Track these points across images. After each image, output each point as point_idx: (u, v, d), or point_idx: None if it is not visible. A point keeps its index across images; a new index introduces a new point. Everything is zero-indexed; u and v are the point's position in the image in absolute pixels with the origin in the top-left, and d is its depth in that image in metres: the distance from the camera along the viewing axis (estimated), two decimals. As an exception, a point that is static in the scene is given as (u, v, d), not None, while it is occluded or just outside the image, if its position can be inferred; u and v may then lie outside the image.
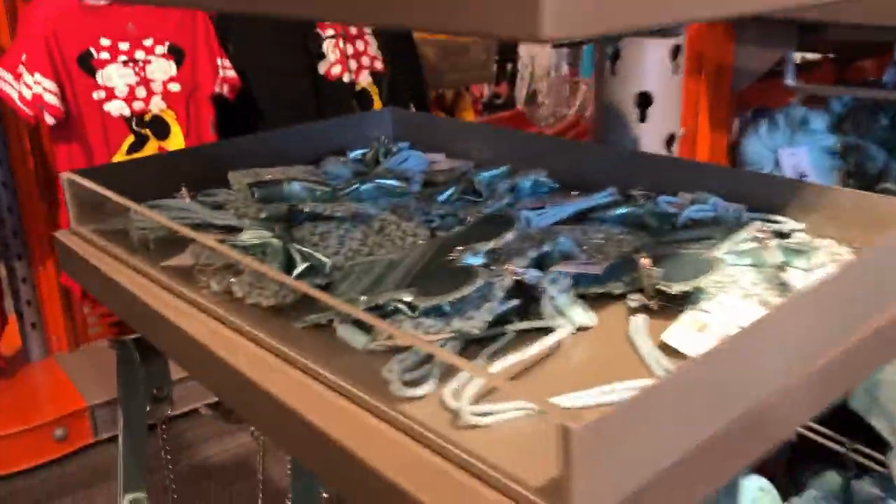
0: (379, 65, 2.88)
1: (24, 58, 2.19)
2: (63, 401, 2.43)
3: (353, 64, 2.86)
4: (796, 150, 1.19)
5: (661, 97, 1.06)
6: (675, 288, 0.73)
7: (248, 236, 0.88)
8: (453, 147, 1.31)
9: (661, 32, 1.08)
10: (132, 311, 0.89)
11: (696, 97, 1.14)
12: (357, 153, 1.26)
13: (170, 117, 2.53)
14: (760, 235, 0.85)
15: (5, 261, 2.59)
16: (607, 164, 1.07)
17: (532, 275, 0.76)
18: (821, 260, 0.82)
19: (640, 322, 0.74)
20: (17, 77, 2.17)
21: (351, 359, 0.71)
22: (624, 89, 1.07)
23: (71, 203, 1.01)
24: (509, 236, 0.76)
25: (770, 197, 0.94)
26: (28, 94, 2.18)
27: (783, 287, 0.78)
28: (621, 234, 0.94)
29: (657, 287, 0.76)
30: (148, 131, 2.50)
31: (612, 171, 1.07)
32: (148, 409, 1.12)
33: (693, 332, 0.71)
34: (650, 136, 1.07)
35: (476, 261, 0.76)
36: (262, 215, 0.93)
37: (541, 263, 0.82)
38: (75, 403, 2.40)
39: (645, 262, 0.78)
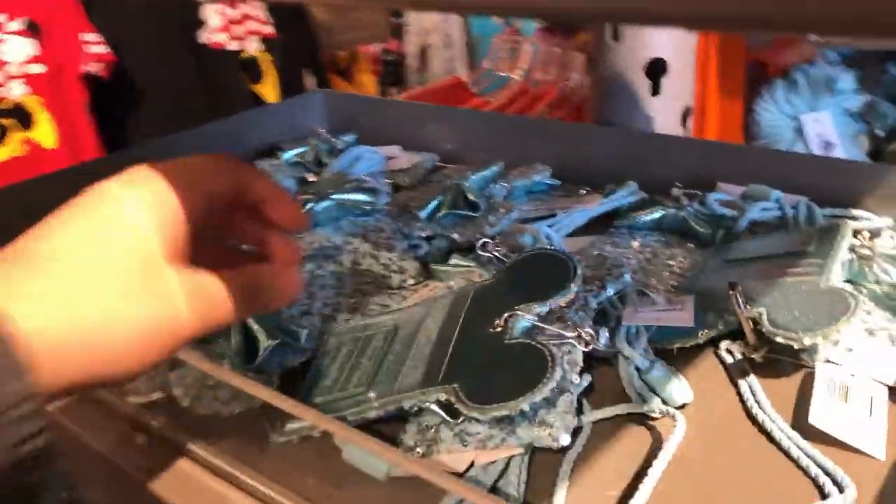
0: (268, 29, 2.58)
1: None
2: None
3: (238, 30, 2.54)
4: (819, 115, 1.02)
5: (676, 64, 0.86)
6: (808, 340, 0.54)
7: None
8: (405, 134, 1.07)
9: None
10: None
11: (705, 60, 0.95)
12: (292, 154, 1.01)
13: (34, 103, 2.17)
14: (857, 243, 0.66)
15: None
16: (614, 150, 0.87)
17: (604, 339, 0.55)
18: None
19: (756, 391, 0.54)
20: None
21: (367, 491, 0.49)
22: (632, 56, 0.86)
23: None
24: (574, 288, 0.55)
25: (826, 183, 0.76)
26: None
27: (910, 315, 0.60)
28: (668, 249, 0.74)
29: (771, 336, 0.56)
30: (9, 121, 2.13)
31: (620, 160, 0.86)
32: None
33: (837, 402, 0.52)
34: (664, 113, 0.88)
35: (526, 324, 0.54)
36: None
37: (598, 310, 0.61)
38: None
39: (739, 298, 0.58)
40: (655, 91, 0.87)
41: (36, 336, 0.29)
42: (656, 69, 0.86)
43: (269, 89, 2.67)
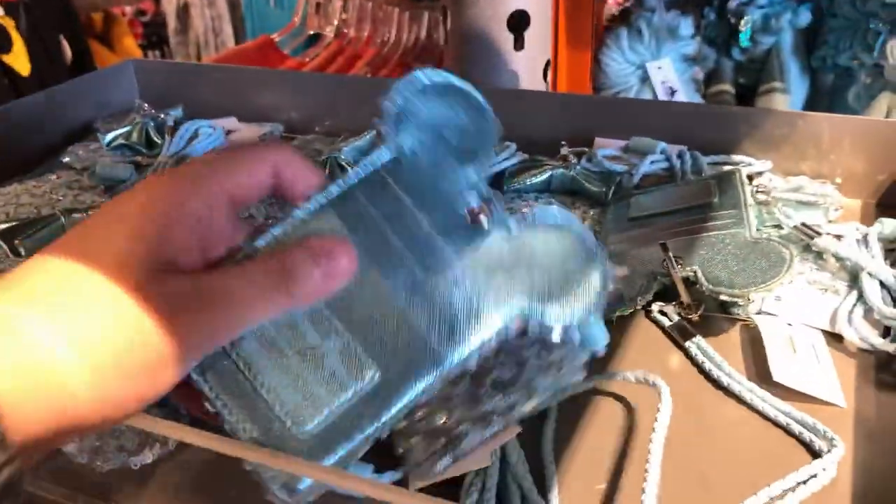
0: (10, -9, 2.26)
1: None
2: None
3: (-30, -7, 2.21)
4: (661, 62, 1.03)
5: (537, 16, 0.82)
6: (754, 295, 0.53)
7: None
8: (236, 104, 0.96)
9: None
10: None
11: (557, 10, 0.92)
12: (114, 136, 0.86)
13: None
14: (752, 189, 0.67)
15: None
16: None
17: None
18: (831, 211, 0.67)
19: (707, 351, 0.53)
20: None
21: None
22: (492, 10, 0.81)
23: None
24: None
25: (700, 131, 0.77)
26: None
27: (819, 256, 0.61)
28: (573, 210, 0.71)
29: (713, 295, 0.55)
30: None
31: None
32: None
33: (790, 355, 0.52)
34: (528, 67, 0.84)
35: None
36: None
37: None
38: None
39: (672, 258, 0.57)
40: (519, 45, 0.83)
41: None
42: (519, 22, 0.82)
43: (19, 59, 2.35)
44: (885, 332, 0.53)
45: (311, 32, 1.54)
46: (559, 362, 0.38)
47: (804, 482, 0.43)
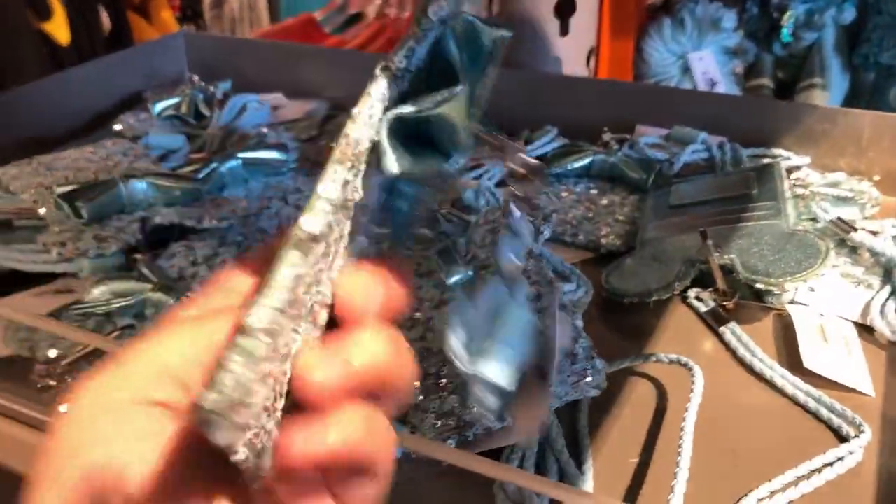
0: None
1: None
2: None
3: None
4: (703, 54, 1.04)
5: (584, 3, 0.84)
6: (789, 285, 0.54)
7: (102, 293, 0.54)
8: (283, 80, 0.98)
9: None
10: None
11: (602, -2, 0.93)
12: (164, 105, 0.89)
13: None
14: (791, 183, 0.68)
15: None
16: (526, 95, 0.84)
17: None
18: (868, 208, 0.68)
19: (742, 337, 0.54)
20: None
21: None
22: (540, -6, 0.83)
23: None
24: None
25: (742, 122, 0.78)
26: None
27: (853, 251, 0.62)
28: (604, 197, 0.72)
29: (750, 283, 0.56)
30: None
31: (530, 105, 0.83)
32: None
33: (821, 344, 0.53)
34: (572, 53, 0.85)
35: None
36: (112, 249, 0.58)
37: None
38: None
39: (711, 246, 0.58)
40: (564, 31, 0.84)
41: None
42: (566, 8, 0.83)
43: (59, 28, 2.39)
44: (917, 327, 0.54)
45: (353, 12, 1.56)
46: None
47: (830, 465, 0.44)
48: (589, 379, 0.46)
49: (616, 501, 0.40)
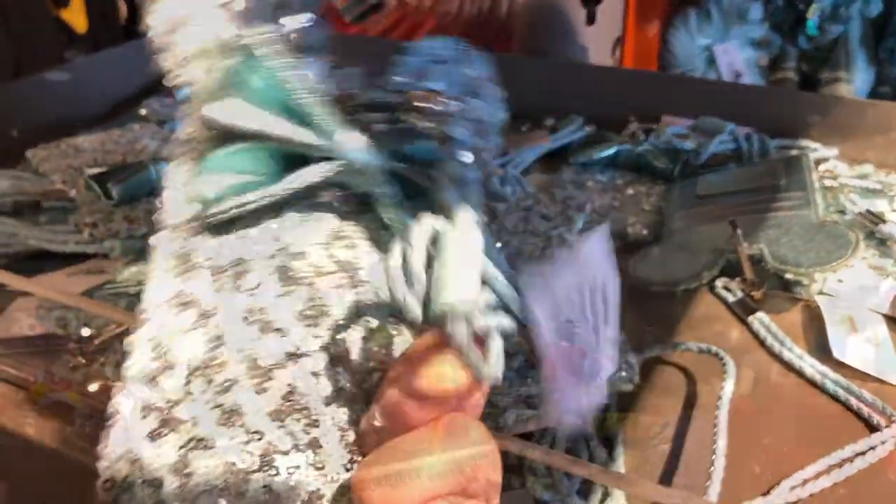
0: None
1: None
2: None
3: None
4: (728, 45, 1.03)
5: (610, -8, 0.84)
6: (818, 275, 0.54)
7: (133, 274, 0.54)
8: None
9: None
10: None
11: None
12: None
13: None
14: (819, 174, 0.68)
15: None
16: (551, 83, 0.83)
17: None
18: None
19: (771, 327, 0.54)
20: None
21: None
22: (567, -17, 0.83)
23: None
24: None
25: (769, 113, 0.78)
26: None
27: (882, 243, 0.62)
28: (631, 187, 0.72)
29: (779, 273, 0.56)
30: None
31: (554, 93, 0.83)
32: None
33: (850, 335, 0.53)
34: (598, 42, 0.85)
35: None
36: (142, 230, 0.58)
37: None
38: None
39: (740, 236, 0.58)
40: (591, 20, 0.84)
41: None
42: (593, -3, 0.83)
43: (77, 16, 2.39)
44: (946, 319, 0.54)
45: (374, 1, 1.56)
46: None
47: (862, 454, 0.44)
48: (623, 374, 0.46)
49: (650, 482, 0.40)
